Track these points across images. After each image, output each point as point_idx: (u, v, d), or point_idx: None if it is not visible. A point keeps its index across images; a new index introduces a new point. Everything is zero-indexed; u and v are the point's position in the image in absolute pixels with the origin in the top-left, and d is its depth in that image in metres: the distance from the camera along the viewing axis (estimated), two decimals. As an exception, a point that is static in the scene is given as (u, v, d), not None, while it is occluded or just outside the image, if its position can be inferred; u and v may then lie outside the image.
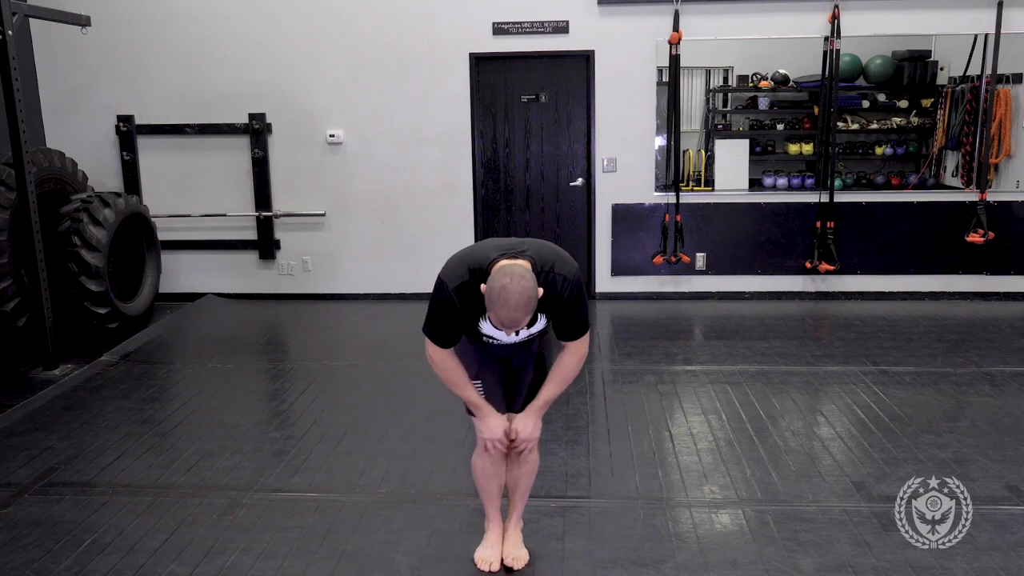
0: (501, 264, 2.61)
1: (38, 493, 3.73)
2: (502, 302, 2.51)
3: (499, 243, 2.76)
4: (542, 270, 2.66)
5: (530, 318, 2.59)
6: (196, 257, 7.38)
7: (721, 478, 3.80)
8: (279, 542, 3.29)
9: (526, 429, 2.90)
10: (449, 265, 2.75)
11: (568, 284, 2.70)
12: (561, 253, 2.76)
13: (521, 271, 2.56)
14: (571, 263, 2.75)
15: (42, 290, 5.41)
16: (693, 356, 5.69)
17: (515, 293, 2.50)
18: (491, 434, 2.88)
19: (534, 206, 7.24)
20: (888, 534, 3.26)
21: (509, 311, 2.51)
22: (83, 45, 6.71)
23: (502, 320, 2.55)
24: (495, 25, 6.87)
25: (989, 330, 6.20)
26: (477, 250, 2.75)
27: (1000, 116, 6.87)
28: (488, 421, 2.88)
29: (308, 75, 7.05)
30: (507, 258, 2.63)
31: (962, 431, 4.30)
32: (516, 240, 2.79)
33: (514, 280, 2.51)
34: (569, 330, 2.81)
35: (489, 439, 2.89)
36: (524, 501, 3.15)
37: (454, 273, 2.70)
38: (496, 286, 2.52)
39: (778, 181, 7.40)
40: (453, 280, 2.68)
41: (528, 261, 2.64)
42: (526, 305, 2.52)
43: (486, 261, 2.65)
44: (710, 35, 6.84)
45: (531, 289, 2.53)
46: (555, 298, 2.70)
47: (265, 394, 5.27)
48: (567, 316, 2.77)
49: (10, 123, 5.27)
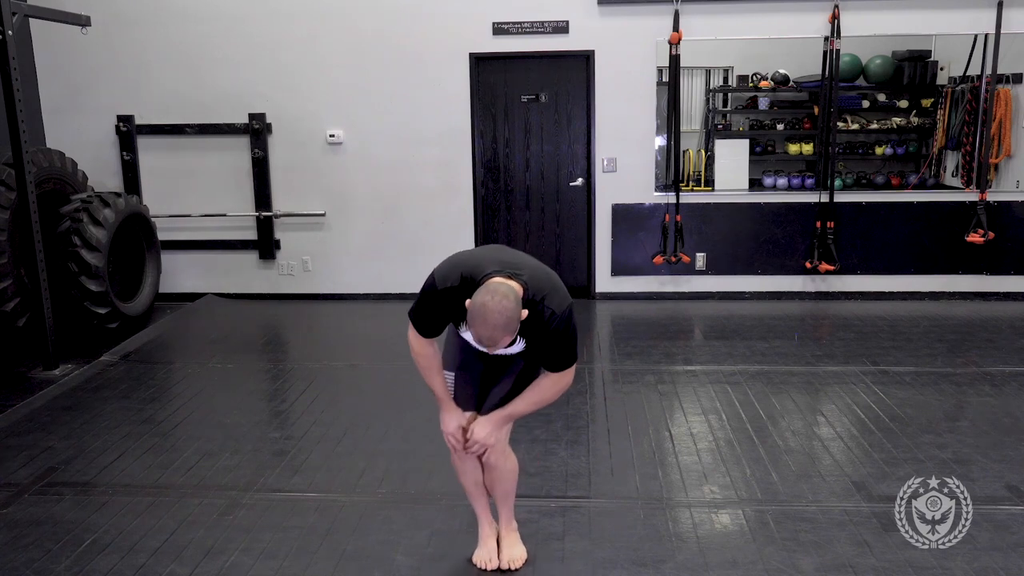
0: (492, 280, 2.59)
1: (38, 493, 3.73)
2: (480, 319, 2.50)
3: (500, 257, 2.72)
4: (533, 298, 2.63)
5: (509, 340, 2.57)
6: (196, 257, 7.38)
7: (721, 478, 3.80)
8: (279, 542, 3.29)
9: (480, 432, 2.86)
10: (445, 265, 2.74)
11: (556, 318, 2.66)
12: (557, 285, 2.72)
13: (506, 291, 2.53)
14: (563, 297, 2.72)
15: (42, 290, 5.41)
16: (693, 356, 5.69)
17: (494, 312, 2.48)
18: (445, 427, 2.92)
19: (534, 206, 7.24)
20: (888, 534, 3.26)
21: (487, 329, 2.51)
22: (83, 45, 6.71)
23: (479, 337, 2.54)
24: (495, 25, 6.87)
25: (989, 330, 6.20)
26: (476, 258, 2.73)
27: (1000, 116, 6.87)
28: (445, 415, 2.92)
29: (308, 75, 7.05)
30: (502, 276, 2.61)
31: (962, 431, 4.30)
32: (519, 259, 2.74)
33: (495, 299, 2.49)
34: (551, 361, 2.77)
35: (444, 431, 2.93)
36: (508, 505, 3.12)
37: (446, 276, 2.69)
38: (478, 302, 2.51)
39: (778, 181, 7.40)
40: (443, 282, 2.68)
41: (521, 285, 2.61)
42: (504, 325, 2.50)
43: (480, 274, 2.63)
44: (710, 35, 6.84)
45: (511, 311, 2.50)
46: (540, 328, 2.68)
47: (265, 394, 5.27)
48: (549, 347, 2.73)
49: (10, 123, 5.27)
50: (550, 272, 2.78)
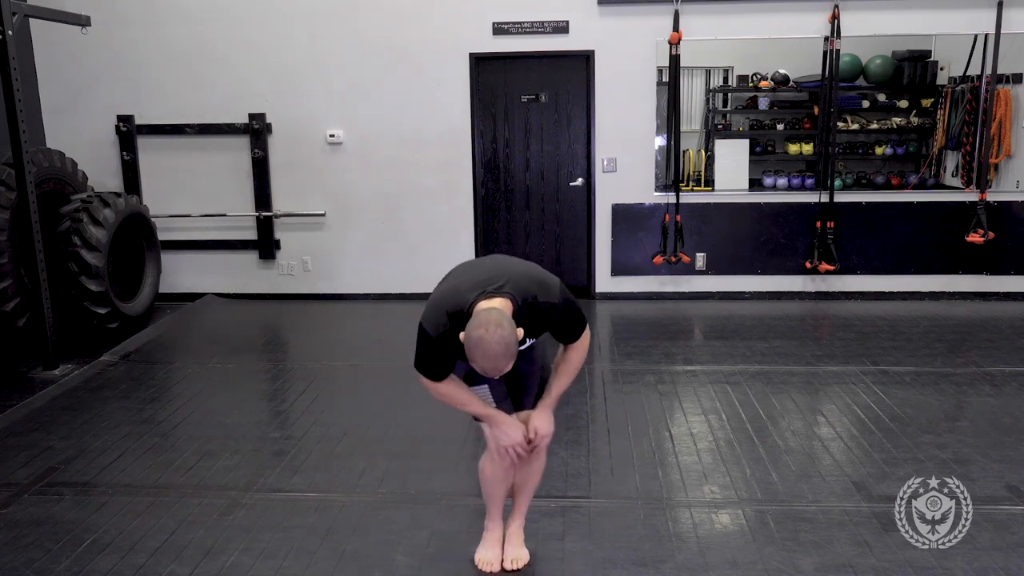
0: (479, 308, 2.56)
1: (38, 493, 3.73)
2: (480, 353, 2.48)
3: (475, 277, 2.68)
4: (524, 302, 2.63)
5: (512, 362, 2.55)
6: (196, 257, 7.38)
7: (721, 478, 3.80)
8: (279, 542, 3.28)
9: (544, 426, 2.87)
10: (428, 312, 2.68)
11: (556, 308, 2.69)
12: (539, 278, 2.71)
13: (498, 318, 2.50)
14: (552, 286, 2.72)
15: (42, 290, 5.41)
16: (693, 356, 5.69)
17: (493, 344, 2.47)
18: (510, 440, 2.82)
19: (534, 206, 7.24)
20: (888, 534, 3.26)
21: (488, 361, 2.50)
22: (83, 45, 6.71)
23: (484, 369, 2.53)
24: (495, 25, 6.87)
25: (989, 330, 6.20)
26: (455, 289, 2.68)
27: (1000, 116, 6.86)
28: (504, 428, 2.83)
29: (308, 75, 7.05)
30: (485, 297, 2.58)
31: (962, 431, 4.30)
32: (492, 271, 2.71)
33: (490, 330, 2.47)
34: (569, 336, 2.81)
35: (509, 445, 2.83)
36: (528, 501, 3.14)
37: (434, 322, 2.64)
38: (473, 337, 2.48)
39: (778, 181, 7.40)
40: (435, 329, 2.64)
41: (507, 298, 2.59)
42: (504, 353, 2.49)
43: (465, 304, 2.60)
44: (710, 35, 6.84)
45: (508, 336, 2.49)
46: (545, 321, 2.70)
47: (265, 394, 5.27)
48: (563, 329, 2.78)
49: (10, 123, 5.27)
50: (529, 269, 2.76)
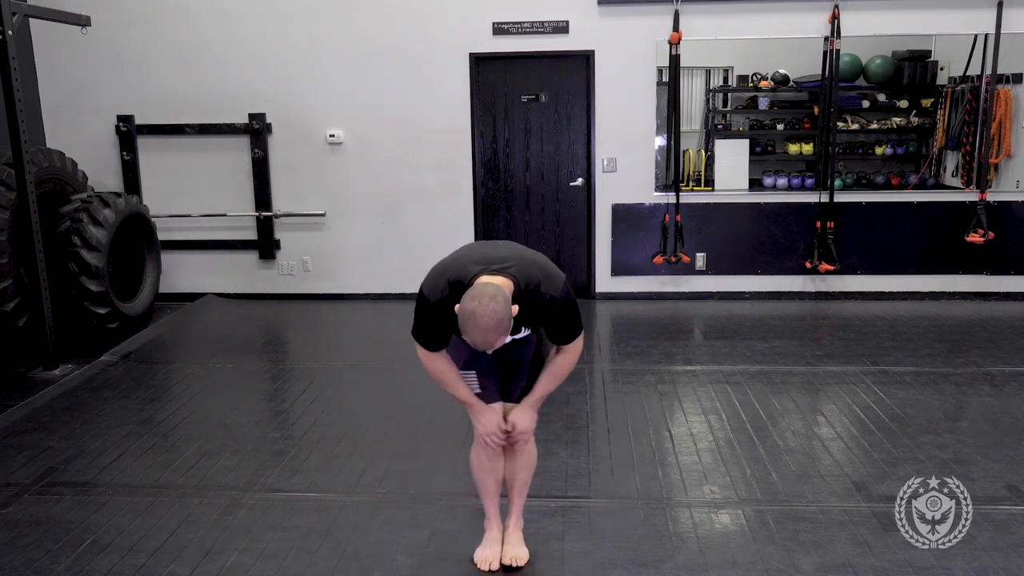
0: (478, 282, 2.57)
1: (38, 493, 3.73)
2: (471, 325, 2.49)
3: (484, 254, 2.71)
4: (526, 288, 2.64)
5: (504, 338, 2.56)
6: (196, 257, 7.38)
7: (721, 478, 3.80)
8: (279, 542, 3.29)
9: (522, 422, 2.90)
10: (430, 277, 2.72)
11: (556, 302, 2.69)
12: (547, 268, 2.73)
13: (493, 292, 2.51)
14: (557, 279, 2.72)
15: (42, 290, 5.41)
16: (693, 356, 5.69)
17: (484, 317, 2.47)
18: (485, 429, 2.89)
19: (534, 206, 7.24)
20: (888, 534, 3.26)
21: (479, 334, 2.50)
22: (83, 45, 6.71)
23: (474, 342, 2.54)
24: (495, 25, 6.87)
25: (989, 330, 6.20)
26: (460, 261, 2.71)
27: (1000, 116, 6.86)
28: (481, 417, 2.89)
29: (308, 75, 7.05)
30: (488, 274, 2.60)
31: (962, 431, 4.30)
32: (502, 251, 2.74)
33: (483, 303, 2.48)
34: (561, 336, 2.81)
35: (484, 434, 2.90)
36: (523, 497, 3.14)
37: (434, 287, 2.68)
38: (467, 308, 2.50)
39: (778, 181, 7.40)
40: (433, 295, 2.67)
41: (510, 279, 2.61)
42: (496, 328, 2.49)
43: (467, 276, 2.62)
44: (710, 35, 6.84)
45: (501, 311, 2.49)
46: (542, 314, 2.70)
47: (265, 394, 5.27)
48: (557, 327, 2.77)
49: (10, 123, 5.27)
50: (537, 257, 2.77)
